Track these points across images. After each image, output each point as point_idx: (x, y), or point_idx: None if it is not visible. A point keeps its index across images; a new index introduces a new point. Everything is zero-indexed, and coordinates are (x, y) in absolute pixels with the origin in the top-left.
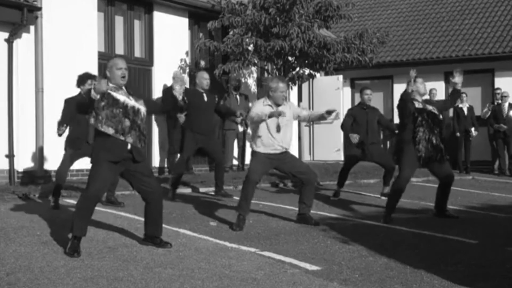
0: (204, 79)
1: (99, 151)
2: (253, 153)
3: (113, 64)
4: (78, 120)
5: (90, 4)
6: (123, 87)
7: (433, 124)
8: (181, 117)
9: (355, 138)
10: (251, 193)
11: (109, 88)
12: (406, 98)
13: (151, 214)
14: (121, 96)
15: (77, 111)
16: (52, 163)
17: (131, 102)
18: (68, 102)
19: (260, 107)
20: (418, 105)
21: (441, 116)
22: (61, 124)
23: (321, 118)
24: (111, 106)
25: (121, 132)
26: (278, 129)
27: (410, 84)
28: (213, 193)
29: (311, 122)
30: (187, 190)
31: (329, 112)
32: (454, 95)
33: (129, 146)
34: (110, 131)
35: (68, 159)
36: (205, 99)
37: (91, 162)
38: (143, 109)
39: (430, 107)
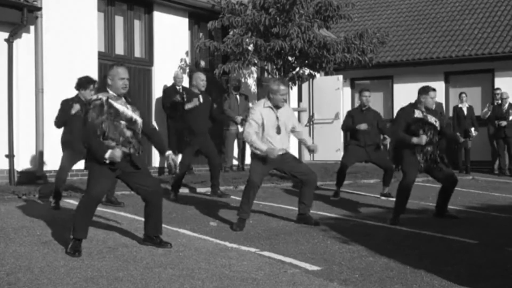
0: (200, 80)
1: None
2: (253, 154)
3: (116, 73)
4: (73, 122)
5: (90, 4)
6: (122, 96)
7: (431, 135)
8: (194, 101)
9: (364, 126)
10: (253, 196)
11: (109, 96)
12: (408, 108)
13: (151, 213)
14: (120, 106)
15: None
16: (52, 163)
17: (129, 112)
18: (64, 104)
19: (261, 109)
20: (418, 114)
21: (438, 128)
22: (57, 125)
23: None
24: (113, 118)
25: (122, 144)
26: (278, 130)
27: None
28: (209, 193)
29: (311, 122)
30: (187, 190)
31: (309, 149)
32: (452, 137)
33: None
34: (112, 143)
35: (67, 163)
36: (201, 100)
37: (87, 165)
38: (139, 120)
39: (432, 119)
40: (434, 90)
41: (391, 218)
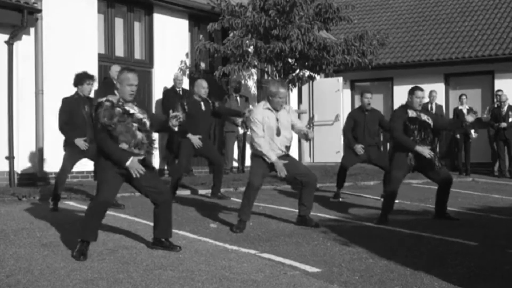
0: (202, 88)
1: (107, 159)
2: (253, 156)
3: (125, 78)
4: (74, 121)
5: (90, 6)
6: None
7: (425, 134)
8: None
9: (359, 149)
10: (253, 198)
11: (119, 99)
12: (400, 109)
13: (161, 216)
14: (130, 108)
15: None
16: (52, 165)
17: (139, 115)
18: (65, 101)
19: (260, 110)
20: (411, 114)
21: (432, 125)
22: (61, 127)
23: (302, 137)
24: (125, 120)
25: (134, 146)
26: (278, 132)
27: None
28: (209, 195)
29: (311, 124)
30: (187, 192)
31: (306, 135)
32: (457, 125)
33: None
34: (124, 146)
35: (68, 164)
36: (203, 108)
37: (97, 169)
38: (148, 122)
39: (424, 117)
40: (421, 90)
41: (378, 218)
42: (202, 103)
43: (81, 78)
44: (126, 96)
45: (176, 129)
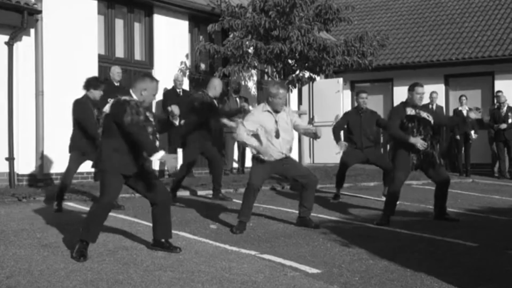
0: (219, 86)
1: (114, 163)
2: (254, 159)
3: (154, 87)
4: (87, 123)
5: (90, 7)
6: None
7: (424, 131)
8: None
9: (342, 146)
10: (253, 199)
11: (140, 104)
12: (399, 106)
13: (160, 216)
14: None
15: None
16: (52, 166)
17: (152, 120)
18: (80, 102)
19: (259, 113)
20: (410, 112)
21: (432, 122)
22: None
23: (312, 136)
24: (144, 121)
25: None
26: (277, 135)
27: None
28: (211, 196)
29: (312, 124)
30: (187, 193)
31: (315, 134)
32: (461, 123)
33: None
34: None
35: (73, 165)
36: (215, 105)
37: (100, 171)
38: (153, 122)
39: (424, 114)
40: (421, 86)
41: (379, 219)
42: (214, 101)
43: (98, 83)
44: (147, 102)
45: (177, 123)
